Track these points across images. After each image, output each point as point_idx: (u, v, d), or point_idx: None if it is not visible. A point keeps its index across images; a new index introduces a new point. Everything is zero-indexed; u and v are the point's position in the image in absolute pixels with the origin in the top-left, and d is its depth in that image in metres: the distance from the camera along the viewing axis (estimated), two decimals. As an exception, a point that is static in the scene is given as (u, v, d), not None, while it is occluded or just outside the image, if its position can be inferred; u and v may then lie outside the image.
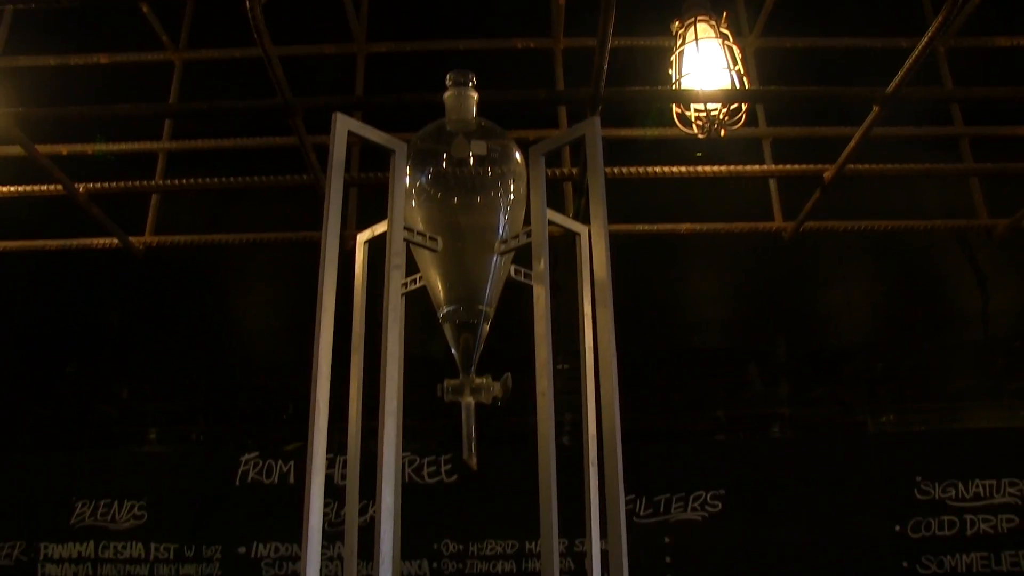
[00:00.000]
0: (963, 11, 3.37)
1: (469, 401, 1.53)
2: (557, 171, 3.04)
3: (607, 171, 1.55)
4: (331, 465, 3.33)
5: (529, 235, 1.54)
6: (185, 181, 3.18)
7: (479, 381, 1.54)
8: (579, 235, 1.79)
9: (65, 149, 3.41)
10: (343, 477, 1.73)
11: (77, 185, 3.09)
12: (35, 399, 4.49)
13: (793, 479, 3.91)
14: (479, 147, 1.62)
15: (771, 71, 3.60)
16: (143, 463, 4.11)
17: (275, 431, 4.34)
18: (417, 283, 1.69)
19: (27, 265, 4.37)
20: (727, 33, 2.90)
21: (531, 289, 1.52)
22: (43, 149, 3.09)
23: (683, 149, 3.62)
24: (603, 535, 1.49)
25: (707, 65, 2.73)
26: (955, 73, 3.69)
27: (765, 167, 3.29)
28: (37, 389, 4.50)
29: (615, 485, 1.40)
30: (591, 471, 1.60)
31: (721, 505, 3.87)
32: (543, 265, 1.50)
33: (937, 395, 4.31)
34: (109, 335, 4.49)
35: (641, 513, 3.81)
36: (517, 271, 1.68)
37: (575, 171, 3.00)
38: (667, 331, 4.28)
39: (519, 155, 1.69)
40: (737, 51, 2.83)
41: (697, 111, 2.64)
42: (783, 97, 2.87)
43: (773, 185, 3.47)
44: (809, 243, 4.29)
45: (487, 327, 1.60)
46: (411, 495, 1.57)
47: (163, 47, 3.72)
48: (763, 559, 3.78)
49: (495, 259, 1.60)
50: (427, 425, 4.06)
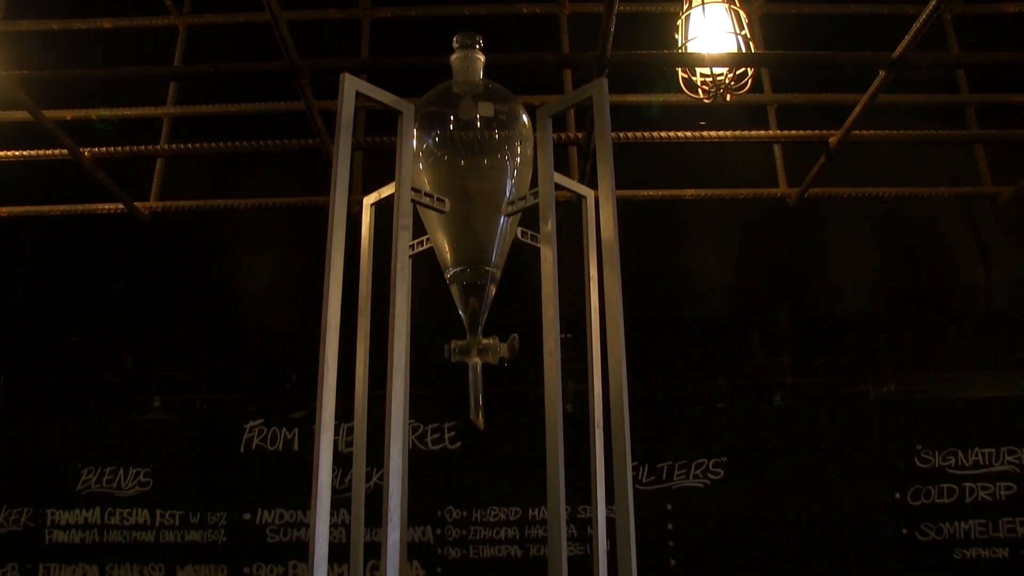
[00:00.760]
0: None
1: (476, 361, 1.54)
2: (563, 135, 3.03)
3: (613, 136, 1.55)
4: (336, 432, 3.35)
5: (536, 196, 1.53)
6: (191, 145, 3.17)
7: (486, 342, 1.54)
8: (585, 198, 1.79)
9: (69, 114, 3.40)
10: (348, 444, 1.73)
11: (83, 149, 3.08)
12: (39, 367, 4.51)
13: (795, 447, 3.94)
14: (486, 109, 1.62)
15: (777, 37, 3.58)
16: (148, 430, 4.13)
17: (279, 399, 4.37)
18: (424, 245, 1.69)
19: (32, 232, 4.38)
20: (734, -3, 2.88)
21: (535, 257, 1.52)
22: (48, 115, 3.08)
23: (688, 119, 3.60)
24: (608, 501, 1.50)
25: (713, 29, 2.71)
26: (961, 41, 3.66)
27: (770, 132, 3.28)
28: (41, 357, 4.52)
29: (622, 444, 1.41)
30: (597, 433, 1.61)
31: (723, 473, 3.89)
32: (550, 226, 1.50)
33: (938, 365, 4.33)
34: (113, 303, 4.50)
35: (643, 480, 3.84)
36: (524, 233, 1.68)
37: (580, 136, 2.99)
38: (669, 300, 4.29)
39: (526, 117, 1.69)
40: (743, 16, 2.81)
41: (703, 75, 2.63)
42: (789, 61, 2.84)
43: (778, 151, 3.46)
44: (813, 213, 4.29)
45: (494, 288, 1.61)
46: (415, 462, 1.58)
47: (167, 12, 3.70)
48: (764, 526, 3.81)
49: (502, 220, 1.60)
50: (431, 393, 4.09)
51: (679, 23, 2.92)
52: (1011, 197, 3.39)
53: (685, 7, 2.80)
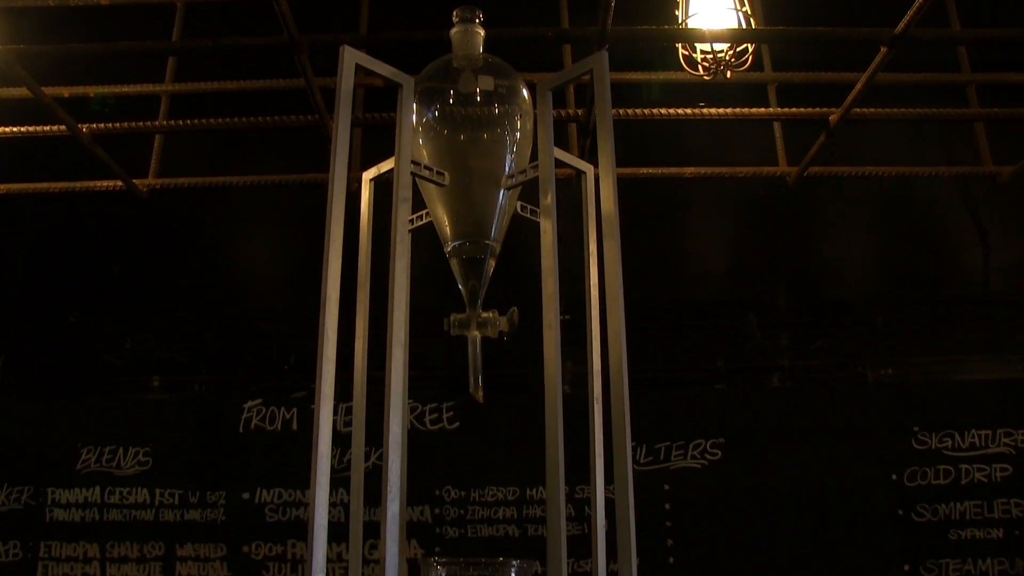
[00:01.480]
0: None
1: (475, 335, 1.54)
2: (563, 112, 3.02)
3: (613, 113, 1.54)
4: (334, 412, 3.35)
5: (536, 170, 1.53)
6: (189, 122, 3.16)
7: (485, 315, 1.54)
8: (585, 174, 1.79)
9: (67, 91, 3.39)
10: (347, 424, 1.73)
11: (80, 126, 3.07)
12: (39, 348, 4.51)
13: (792, 429, 3.96)
14: (486, 82, 1.61)
15: (778, 14, 3.56)
16: (147, 410, 4.14)
17: (278, 381, 4.37)
18: (424, 219, 1.69)
19: (31, 213, 4.37)
20: (734, -26, 2.86)
21: (533, 236, 1.51)
22: (46, 91, 3.07)
23: (688, 101, 3.59)
24: (607, 480, 1.50)
25: (714, 6, 2.70)
26: (963, 19, 3.64)
27: (771, 110, 3.27)
28: (40, 338, 4.52)
29: (621, 417, 1.41)
30: (596, 408, 1.61)
31: (721, 454, 3.91)
32: (550, 199, 1.50)
33: (936, 348, 4.34)
34: (112, 284, 4.50)
35: (641, 461, 3.85)
36: (523, 207, 1.68)
37: (580, 113, 2.98)
38: (668, 281, 4.29)
39: (526, 92, 1.68)
40: (744, -7, 2.80)
41: (703, 52, 2.62)
42: (790, 37, 2.83)
43: (778, 130, 3.45)
44: (811, 195, 4.29)
45: (493, 263, 1.61)
46: (413, 442, 1.59)
47: (166, -11, 3.67)
48: (761, 507, 3.83)
49: (501, 194, 1.59)
50: (429, 375, 4.10)
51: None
52: (1011, 176, 3.38)
53: (686, -16, 2.78)
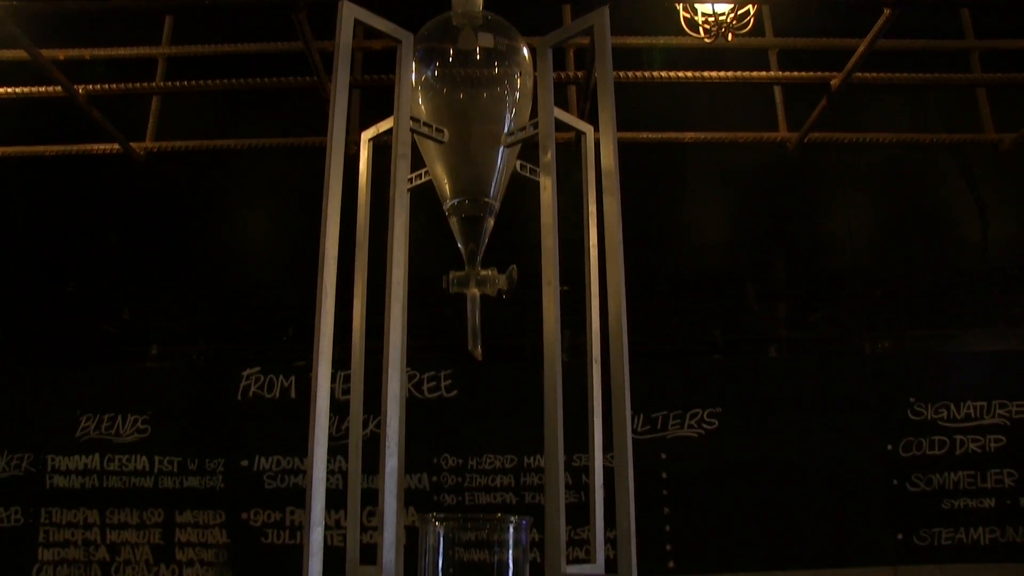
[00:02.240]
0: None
1: (474, 293, 1.54)
2: (562, 74, 3.00)
3: (613, 76, 1.53)
4: (332, 380, 3.35)
5: (536, 127, 1.53)
6: (186, 83, 3.14)
7: (484, 273, 1.54)
8: (584, 134, 1.79)
9: (62, 54, 3.36)
10: (344, 392, 1.74)
11: (76, 87, 3.04)
12: (37, 319, 4.50)
13: (789, 399, 3.98)
14: (486, 39, 1.60)
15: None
16: (145, 379, 4.15)
17: (276, 352, 4.37)
18: (423, 178, 1.68)
19: (27, 183, 4.35)
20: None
21: (530, 205, 1.51)
22: (41, 53, 3.04)
23: (689, 68, 3.56)
24: (604, 448, 1.51)
25: (715, -31, 2.67)
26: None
27: (772, 73, 3.24)
28: (39, 309, 4.51)
29: (621, 380, 1.42)
30: (594, 368, 1.62)
31: (717, 423, 3.93)
32: (550, 156, 1.49)
33: (933, 321, 4.35)
34: (109, 254, 4.49)
35: (639, 429, 3.87)
36: (523, 166, 1.67)
37: (580, 75, 2.96)
38: (665, 253, 4.29)
39: (526, 51, 1.67)
40: (747, -45, 2.77)
41: (704, 15, 2.59)
42: (792, -2, 2.79)
43: (779, 96, 3.43)
44: (811, 167, 4.28)
45: (492, 221, 1.61)
46: (411, 410, 1.59)
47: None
48: (757, 476, 3.86)
49: (501, 152, 1.59)
50: (427, 345, 4.10)
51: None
52: (1012, 144, 3.37)
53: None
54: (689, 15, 2.64)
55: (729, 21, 2.52)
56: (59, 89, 3.02)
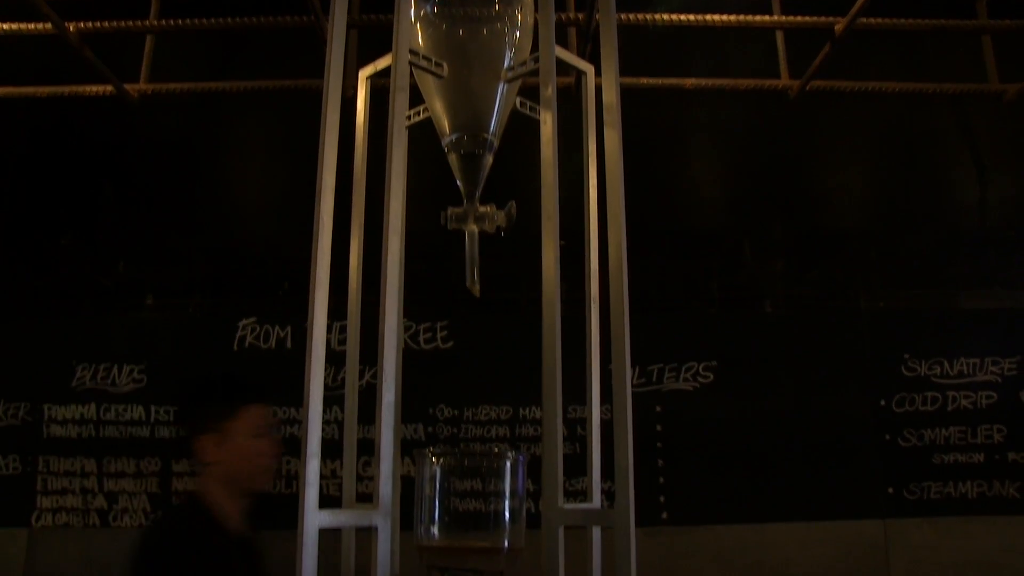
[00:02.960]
0: None
1: (473, 229, 1.53)
2: (562, 16, 2.96)
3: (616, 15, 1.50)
4: (329, 330, 3.34)
5: (536, 62, 1.51)
6: (181, 21, 3.08)
7: (483, 210, 1.54)
8: (585, 74, 1.77)
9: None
10: (340, 342, 1.73)
11: (67, 24, 2.99)
12: (31, 270, 4.48)
13: (784, 354, 4.00)
14: (486, -27, 1.58)
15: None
16: (141, 329, 4.14)
17: (272, 306, 4.36)
18: (421, 114, 1.67)
19: (18, 126, 4.30)
20: None
21: (528, 160, 1.49)
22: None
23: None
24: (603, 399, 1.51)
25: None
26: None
27: (774, 18, 3.20)
28: (32, 261, 4.48)
29: (620, 318, 1.41)
30: (592, 307, 1.62)
31: (713, 376, 3.95)
32: (550, 91, 1.48)
33: (929, 282, 4.35)
34: (104, 206, 4.45)
35: (634, 382, 3.89)
36: (523, 103, 1.66)
37: (581, 16, 2.92)
38: (661, 206, 4.27)
39: (527, -14, 1.65)
40: None
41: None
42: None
43: (780, 42, 3.39)
44: (811, 122, 4.25)
45: (491, 158, 1.59)
46: (407, 361, 1.58)
47: None
48: (752, 429, 3.89)
49: (501, 87, 1.57)
50: (423, 298, 4.10)
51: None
52: (1017, 95, 3.34)
53: None
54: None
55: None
56: (49, 26, 2.96)
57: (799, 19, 3.08)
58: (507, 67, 1.58)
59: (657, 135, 4.19)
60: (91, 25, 3.10)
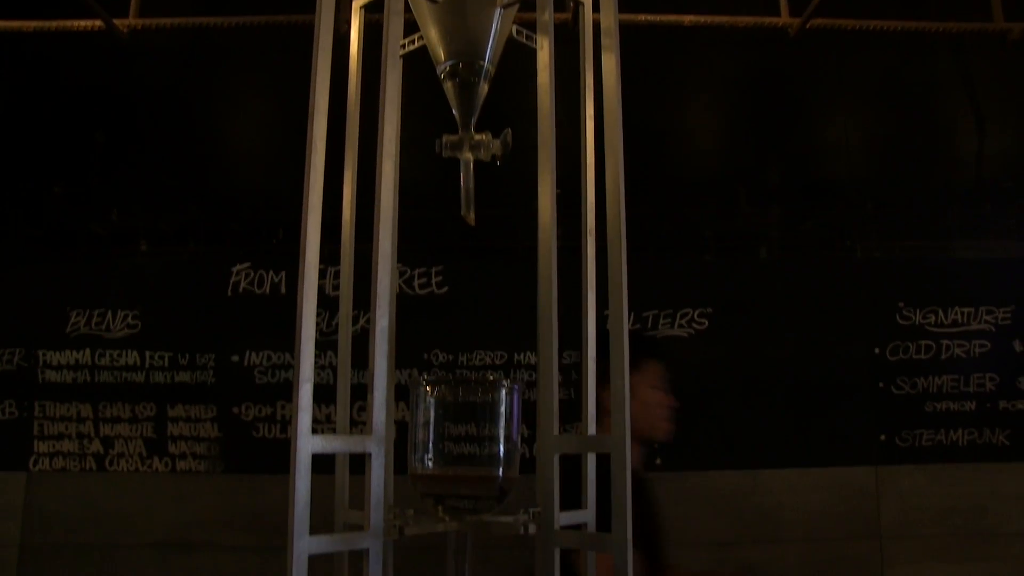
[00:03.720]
0: None
1: (468, 157, 1.51)
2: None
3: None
4: (322, 276, 3.34)
5: (534, -15, 1.47)
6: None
7: (478, 137, 1.51)
8: (582, 4, 1.73)
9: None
10: (335, 288, 1.71)
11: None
12: (23, 218, 4.44)
13: (779, 301, 4.00)
14: None
15: None
16: (135, 275, 4.13)
17: (266, 251, 4.33)
18: (416, 43, 1.63)
19: (7, 76, 4.24)
20: None
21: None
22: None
23: None
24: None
25: None
26: None
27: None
28: (25, 209, 4.45)
29: (617, 241, 1.40)
30: (589, 240, 1.60)
31: (708, 323, 3.95)
32: (547, 15, 1.45)
33: (925, 233, 4.34)
34: (96, 154, 4.40)
35: (629, 329, 3.88)
36: (519, 31, 1.62)
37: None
38: (656, 152, 4.23)
39: (524, -90, 1.61)
40: None
41: None
42: None
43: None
44: (809, 67, 4.20)
45: (487, 86, 1.56)
46: (402, 306, 1.57)
47: None
48: (746, 376, 3.91)
49: (497, 13, 1.54)
50: (418, 247, 4.08)
51: None
52: (1022, 34, 3.29)
53: None
54: None
55: None
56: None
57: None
58: (503, -8, 1.54)
59: (652, 79, 4.14)
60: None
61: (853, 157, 4.39)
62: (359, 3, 1.78)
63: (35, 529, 3.77)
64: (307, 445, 1.25)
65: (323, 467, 1.43)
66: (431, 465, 1.43)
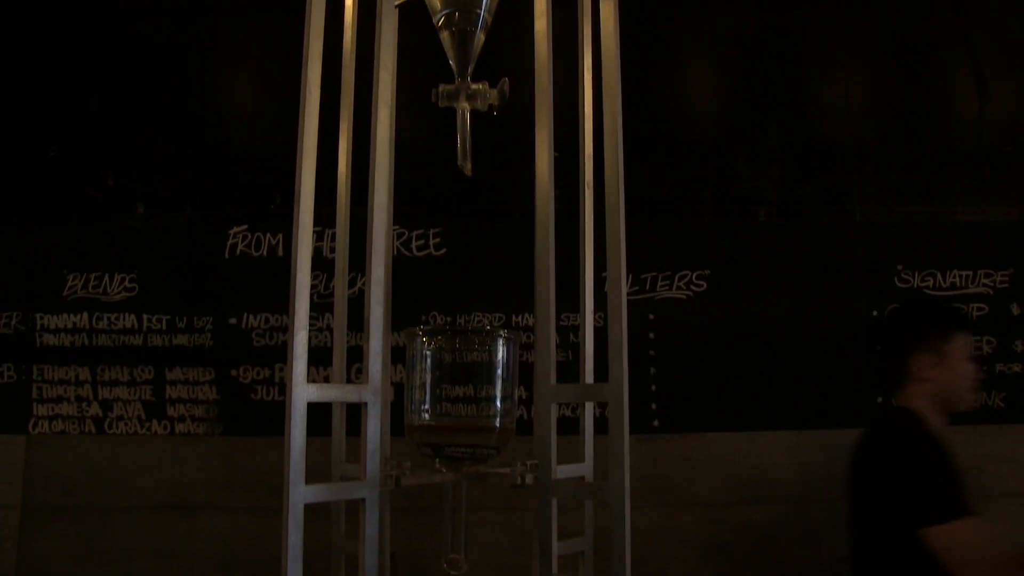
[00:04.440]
0: None
1: (465, 107, 1.49)
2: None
3: None
4: (319, 239, 3.34)
5: (531, -69, 1.45)
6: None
7: (475, 87, 1.49)
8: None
9: None
10: (331, 251, 1.71)
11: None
12: (19, 183, 4.42)
13: (777, 263, 3.98)
14: None
15: None
16: (132, 237, 4.11)
17: (264, 213, 4.32)
18: (411, -9, 1.61)
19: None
20: None
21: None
22: None
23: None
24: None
25: None
26: None
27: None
28: (20, 172, 4.42)
29: (616, 199, 1.39)
30: (586, 193, 1.59)
31: (706, 285, 3.95)
32: (545, -39, 1.43)
33: (924, 197, 4.33)
34: (91, 117, 4.36)
35: (627, 291, 3.88)
36: (516, -20, 1.60)
37: None
38: (654, 113, 4.20)
39: None
40: None
41: None
42: None
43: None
44: (809, 24, 4.16)
45: (483, 36, 1.54)
46: (399, 268, 1.57)
47: None
48: (744, 338, 3.90)
49: (494, -41, 1.52)
50: (415, 205, 4.07)
51: None
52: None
53: None
54: None
55: None
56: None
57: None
58: (500, -62, 1.51)
59: (650, 39, 4.09)
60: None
61: (853, 119, 4.36)
62: (353, -47, 1.76)
63: (35, 491, 3.79)
64: (303, 393, 1.25)
65: (320, 428, 1.43)
66: (428, 417, 1.44)
